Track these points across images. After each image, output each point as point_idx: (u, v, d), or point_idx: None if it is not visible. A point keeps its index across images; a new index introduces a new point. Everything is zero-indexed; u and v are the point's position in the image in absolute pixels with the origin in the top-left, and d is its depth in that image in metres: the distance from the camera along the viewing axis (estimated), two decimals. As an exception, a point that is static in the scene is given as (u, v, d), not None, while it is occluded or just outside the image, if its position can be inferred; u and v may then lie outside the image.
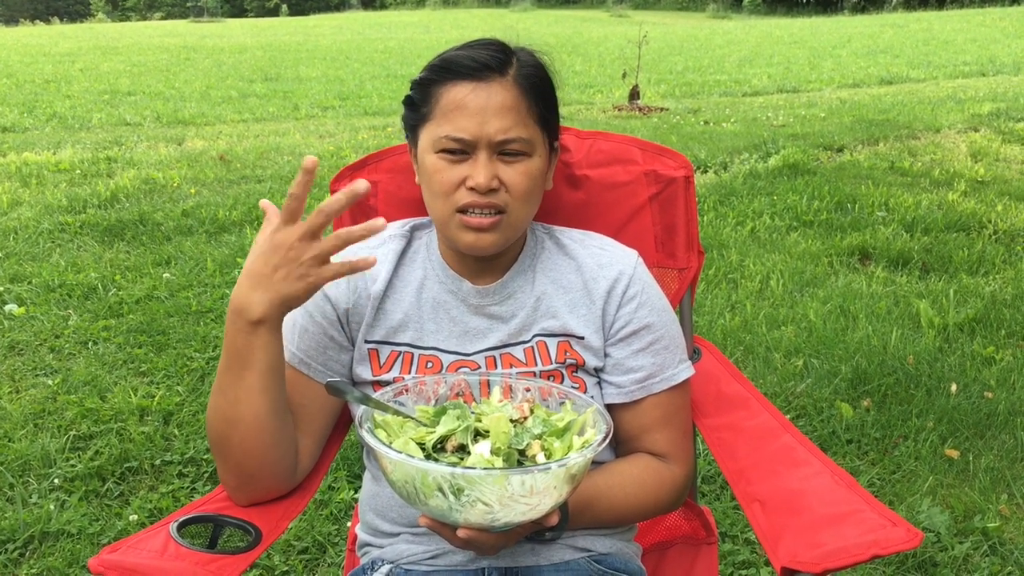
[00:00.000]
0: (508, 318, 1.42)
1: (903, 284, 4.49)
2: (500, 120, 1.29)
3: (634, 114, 10.69)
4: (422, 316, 1.42)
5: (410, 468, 1.06)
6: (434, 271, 1.44)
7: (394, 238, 1.47)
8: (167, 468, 2.91)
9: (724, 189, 6.35)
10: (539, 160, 1.34)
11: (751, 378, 3.46)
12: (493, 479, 1.04)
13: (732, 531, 2.59)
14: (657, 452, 1.43)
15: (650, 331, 1.42)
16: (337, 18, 45.73)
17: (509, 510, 1.06)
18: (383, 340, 1.42)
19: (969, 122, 9.21)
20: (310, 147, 8.55)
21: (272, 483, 1.33)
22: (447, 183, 1.31)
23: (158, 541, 1.17)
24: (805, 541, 1.19)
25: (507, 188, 1.31)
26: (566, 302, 1.42)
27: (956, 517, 2.64)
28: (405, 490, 1.09)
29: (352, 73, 16.91)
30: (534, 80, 1.34)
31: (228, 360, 1.25)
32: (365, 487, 1.51)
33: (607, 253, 1.45)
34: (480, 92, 1.29)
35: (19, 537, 2.53)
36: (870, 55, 19.05)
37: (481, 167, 1.29)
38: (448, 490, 1.05)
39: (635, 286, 1.42)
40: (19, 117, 10.85)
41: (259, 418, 1.26)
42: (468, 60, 1.30)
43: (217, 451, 1.31)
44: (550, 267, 1.45)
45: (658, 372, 1.42)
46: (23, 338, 3.91)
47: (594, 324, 1.41)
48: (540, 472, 1.05)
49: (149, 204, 6.11)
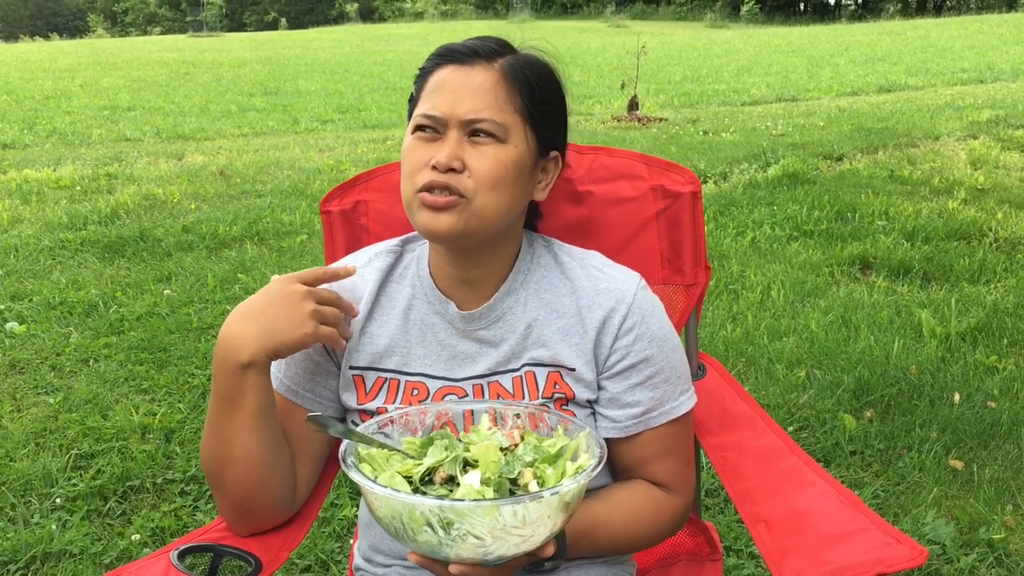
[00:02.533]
0: (498, 342, 1.35)
1: (904, 293, 4.48)
2: (473, 100, 1.24)
3: (633, 124, 10.70)
4: (409, 340, 1.37)
5: (396, 503, 1.02)
6: (422, 290, 1.38)
7: (381, 255, 1.42)
8: (169, 487, 2.90)
9: (724, 199, 6.35)
10: (513, 150, 1.26)
11: (753, 390, 3.45)
12: (483, 510, 0.99)
13: (736, 545, 2.58)
14: (657, 482, 1.37)
15: (649, 364, 1.33)
16: (336, 31, 45.83)
17: (502, 543, 1.02)
18: (368, 366, 1.37)
19: (968, 129, 9.21)
20: (310, 161, 8.56)
21: (271, 514, 1.33)
22: (415, 163, 1.26)
23: (159, 568, 1.17)
24: (810, 560, 1.19)
25: (471, 172, 1.24)
26: (559, 328, 1.34)
27: (961, 529, 2.63)
28: (393, 526, 1.05)
29: (351, 86, 16.95)
30: (523, 72, 1.29)
31: (218, 401, 1.24)
32: (362, 510, 1.50)
33: (606, 277, 1.36)
34: (460, 73, 1.27)
35: (21, 558, 2.52)
36: (868, 63, 19.09)
37: (446, 145, 1.24)
38: (437, 524, 1.00)
39: (633, 316, 1.33)
40: (19, 134, 10.87)
41: (252, 456, 1.26)
42: (460, 47, 1.29)
43: (213, 486, 1.30)
44: (544, 287, 1.37)
45: (657, 407, 1.34)
46: (24, 356, 3.90)
47: (586, 355, 1.33)
48: (532, 501, 1.01)
49: (149, 220, 6.12)
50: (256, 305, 1.23)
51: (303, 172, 7.94)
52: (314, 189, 7.04)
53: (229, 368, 1.21)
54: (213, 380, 1.24)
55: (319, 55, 25.78)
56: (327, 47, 30.27)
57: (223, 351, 1.22)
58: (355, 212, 1.65)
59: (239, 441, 1.24)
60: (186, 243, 5.57)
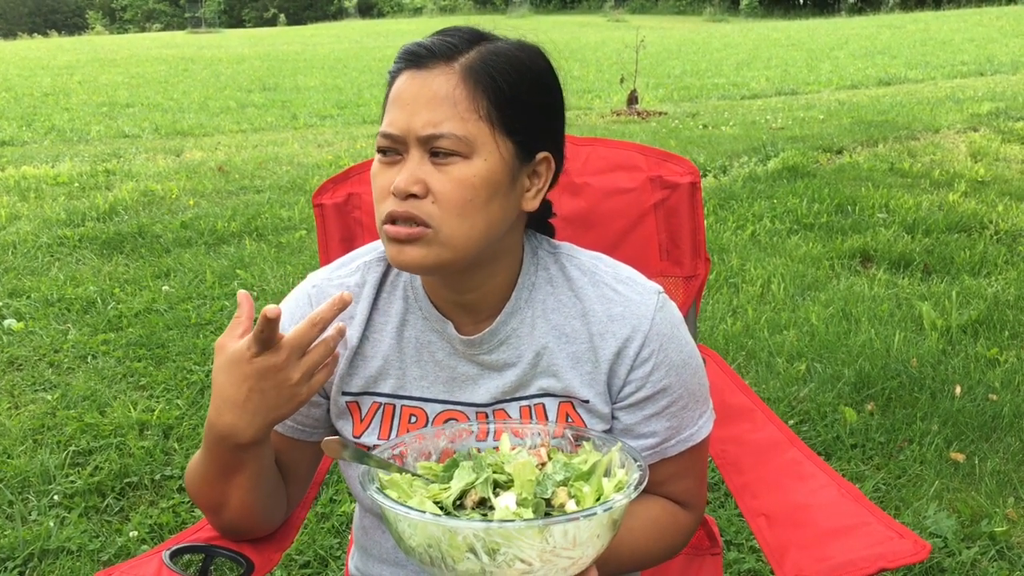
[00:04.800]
0: (502, 367, 1.22)
1: (905, 286, 4.47)
2: (429, 112, 1.08)
3: (633, 119, 10.68)
4: (404, 360, 1.24)
5: (435, 529, 0.93)
6: (416, 303, 1.24)
7: (371, 265, 1.27)
8: (167, 483, 2.89)
9: (724, 193, 6.34)
10: (483, 164, 1.09)
11: (753, 383, 3.44)
12: (534, 531, 0.92)
13: (737, 539, 2.56)
14: (672, 499, 1.29)
15: (666, 394, 1.21)
16: (335, 27, 45.80)
17: (551, 566, 0.95)
18: (363, 391, 1.25)
19: (968, 122, 9.19)
20: (309, 156, 8.55)
21: (262, 531, 1.30)
22: (379, 189, 1.12)
23: (151, 568, 1.16)
24: (811, 555, 1.17)
25: (435, 196, 1.08)
26: (569, 355, 1.21)
27: (963, 522, 2.61)
28: (428, 555, 0.96)
29: (350, 82, 16.92)
30: (486, 69, 1.10)
31: (214, 467, 1.16)
32: (357, 517, 1.41)
33: (620, 299, 1.21)
34: (416, 80, 1.10)
35: (19, 555, 2.51)
36: (868, 56, 19.06)
37: (404, 169, 1.09)
38: (481, 550, 0.92)
39: (651, 345, 1.19)
40: (17, 130, 10.85)
41: (249, 505, 1.21)
42: (415, 46, 1.12)
43: (204, 512, 1.26)
44: (552, 307, 1.22)
45: (673, 435, 1.23)
46: (22, 353, 3.89)
47: (599, 386, 1.21)
48: (585, 519, 0.94)
49: (148, 216, 6.10)
50: (239, 390, 1.08)
51: (302, 168, 7.92)
52: (313, 185, 7.02)
53: (228, 447, 1.12)
54: (208, 447, 1.14)
55: (318, 51, 25.75)
56: (326, 43, 30.24)
57: (219, 437, 1.12)
58: (348, 205, 1.63)
59: (236, 495, 1.19)
60: (184, 239, 5.55)
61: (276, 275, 4.78)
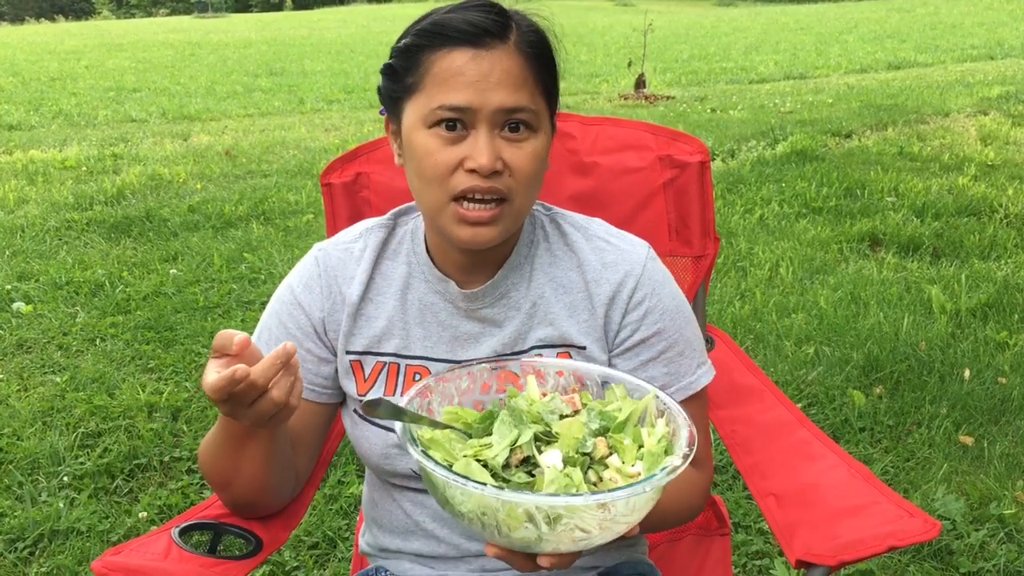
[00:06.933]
0: (502, 322, 1.26)
1: (914, 270, 4.45)
2: (505, 89, 1.11)
3: (640, 103, 10.64)
4: (408, 321, 1.27)
5: (493, 501, 0.90)
6: (419, 267, 1.28)
7: (372, 230, 1.31)
8: (176, 464, 2.90)
9: (732, 177, 6.31)
10: (544, 138, 1.17)
11: (762, 366, 3.43)
12: (599, 505, 0.90)
13: (745, 521, 2.56)
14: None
15: (661, 338, 1.24)
16: (341, 11, 45.69)
17: (608, 532, 0.94)
18: (366, 350, 1.28)
19: (978, 106, 9.14)
20: (316, 140, 8.54)
21: (272, 508, 1.31)
22: (441, 166, 1.12)
23: (160, 544, 1.16)
24: (821, 534, 1.17)
25: (511, 171, 1.13)
26: (566, 304, 1.26)
27: (971, 504, 2.61)
28: (480, 521, 0.93)
29: (357, 66, 16.88)
30: (538, 47, 1.16)
31: (227, 439, 1.16)
32: (366, 492, 1.42)
33: (612, 249, 1.27)
34: (480, 57, 1.11)
35: (29, 535, 2.52)
36: (877, 40, 18.94)
37: (483, 145, 1.11)
38: (541, 521, 0.90)
39: (643, 289, 1.24)
40: (25, 115, 10.85)
41: (261, 477, 1.21)
42: (463, 24, 1.12)
43: (214, 488, 1.27)
44: (548, 261, 1.28)
45: (672, 382, 1.25)
46: (31, 336, 3.90)
47: (596, 333, 1.25)
48: (650, 488, 0.92)
49: (155, 200, 6.10)
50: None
51: (309, 152, 7.91)
52: (320, 168, 7.01)
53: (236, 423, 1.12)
54: (221, 420, 1.15)
55: (325, 35, 25.69)
56: (333, 27, 30.17)
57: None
58: (356, 184, 1.63)
59: (248, 468, 1.20)
60: (192, 223, 5.55)
61: (283, 258, 4.78)
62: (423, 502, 1.30)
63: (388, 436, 1.26)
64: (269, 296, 1.40)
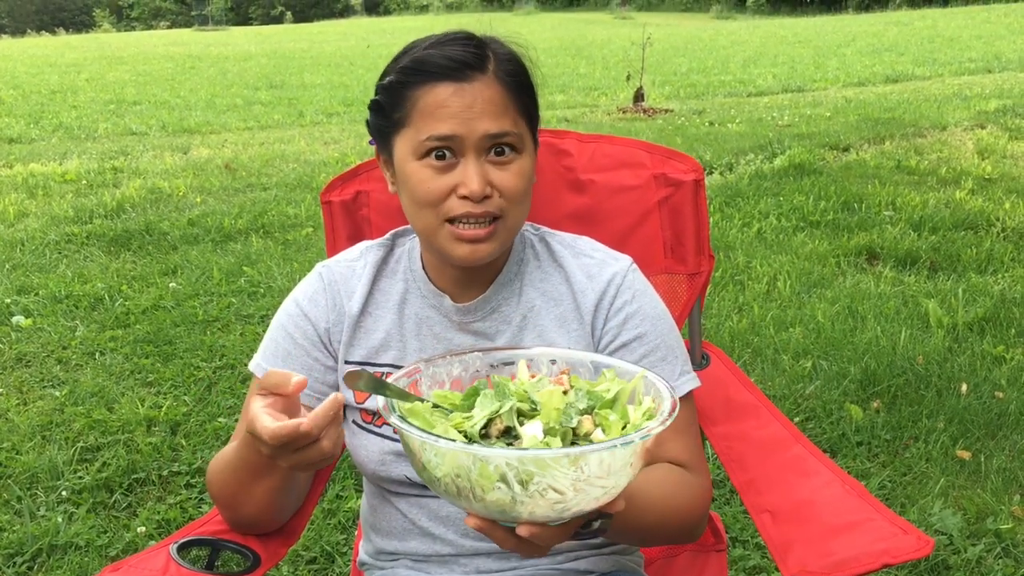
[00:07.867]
0: (494, 335, 1.33)
1: (911, 284, 4.46)
2: (489, 117, 1.20)
3: (639, 116, 10.67)
4: (404, 334, 1.34)
5: (465, 458, 0.91)
6: (416, 284, 1.36)
7: (372, 249, 1.40)
8: (175, 479, 2.90)
9: (730, 190, 6.33)
10: (528, 157, 1.26)
11: (759, 381, 3.44)
12: (570, 459, 0.90)
13: (742, 536, 2.57)
14: (674, 462, 1.31)
15: (642, 342, 1.30)
16: (341, 24, 45.82)
17: (583, 495, 0.93)
18: (364, 361, 1.34)
19: (975, 119, 9.17)
20: (315, 154, 8.56)
21: (274, 526, 1.33)
22: (435, 193, 1.21)
23: (159, 561, 1.17)
24: (815, 551, 1.18)
25: (501, 192, 1.21)
26: (555, 316, 1.33)
27: (968, 519, 2.61)
28: (455, 485, 0.94)
29: (356, 79, 16.92)
30: (516, 75, 1.25)
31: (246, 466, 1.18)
32: (364, 501, 1.46)
33: (596, 262, 1.35)
34: (463, 90, 1.20)
35: (27, 550, 2.52)
36: (875, 53, 19.00)
37: (472, 172, 1.19)
38: (514, 479, 0.91)
39: (624, 295, 1.32)
40: (25, 128, 10.88)
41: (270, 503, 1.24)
42: (443, 60, 1.20)
43: (219, 506, 1.29)
44: (539, 277, 1.36)
45: None
46: (30, 349, 3.91)
47: (584, 342, 1.31)
48: (623, 447, 0.92)
49: (155, 213, 6.12)
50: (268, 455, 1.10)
51: (309, 165, 7.93)
52: (320, 182, 7.03)
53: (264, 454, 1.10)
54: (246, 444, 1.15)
55: (324, 48, 25.76)
56: (332, 40, 30.25)
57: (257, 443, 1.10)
58: (356, 203, 1.64)
59: (261, 494, 1.22)
60: (192, 236, 5.57)
61: (283, 272, 4.79)
62: (420, 503, 1.34)
63: (384, 444, 1.30)
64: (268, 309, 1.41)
